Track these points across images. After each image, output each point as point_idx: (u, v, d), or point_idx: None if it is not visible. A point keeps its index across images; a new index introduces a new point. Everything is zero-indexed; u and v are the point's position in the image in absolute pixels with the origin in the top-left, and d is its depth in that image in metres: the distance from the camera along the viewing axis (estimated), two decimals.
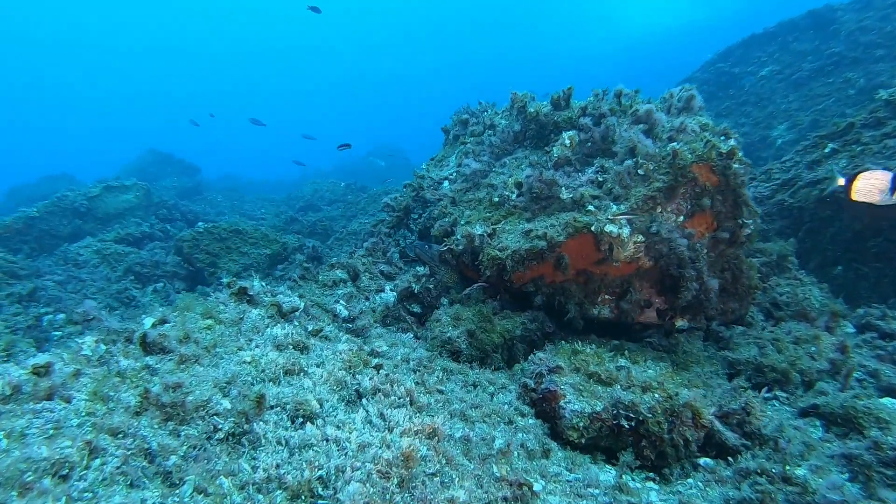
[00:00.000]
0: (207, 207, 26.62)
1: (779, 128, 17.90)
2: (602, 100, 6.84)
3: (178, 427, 2.18)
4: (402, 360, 3.80)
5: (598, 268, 5.71)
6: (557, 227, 5.59)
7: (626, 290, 5.78)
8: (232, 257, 14.01)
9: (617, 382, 3.89)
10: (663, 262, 5.56)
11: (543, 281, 5.77)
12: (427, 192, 7.93)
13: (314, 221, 20.93)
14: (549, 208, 6.06)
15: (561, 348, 4.36)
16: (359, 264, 6.73)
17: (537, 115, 7.22)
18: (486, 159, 7.65)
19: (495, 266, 5.71)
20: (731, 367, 5.52)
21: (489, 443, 2.98)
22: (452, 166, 8.76)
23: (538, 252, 5.48)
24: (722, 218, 5.82)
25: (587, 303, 5.83)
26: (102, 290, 12.78)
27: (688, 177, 5.59)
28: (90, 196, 19.00)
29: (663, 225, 5.48)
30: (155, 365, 2.60)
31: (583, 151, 6.40)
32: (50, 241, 17.25)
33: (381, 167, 45.02)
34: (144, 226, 16.71)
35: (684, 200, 5.71)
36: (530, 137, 7.53)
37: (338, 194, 28.04)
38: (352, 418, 2.47)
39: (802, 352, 5.51)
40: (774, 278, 7.46)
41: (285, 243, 14.71)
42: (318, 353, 3.17)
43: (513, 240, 5.79)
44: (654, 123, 6.11)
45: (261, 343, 3.06)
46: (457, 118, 9.52)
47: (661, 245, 5.46)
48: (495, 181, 7.00)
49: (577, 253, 5.63)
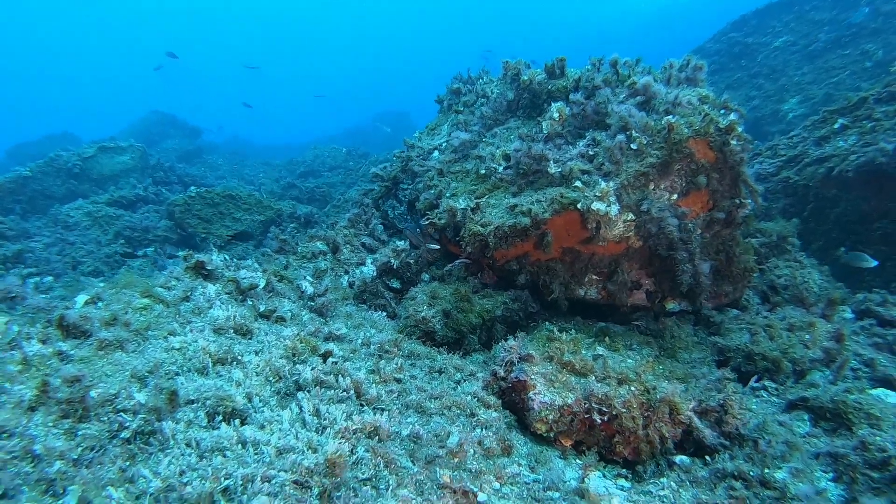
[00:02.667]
0: (206, 171, 26.30)
1: (791, 101, 17.33)
2: (598, 70, 6.46)
3: (76, 425, 1.95)
4: (362, 345, 3.56)
5: (586, 247, 5.43)
6: (543, 203, 5.30)
7: (614, 270, 5.51)
8: (225, 223, 13.77)
9: (592, 373, 3.65)
10: (652, 242, 5.27)
11: (528, 259, 5.50)
12: (415, 164, 7.61)
13: (313, 188, 20.61)
14: (536, 182, 5.75)
15: (536, 335, 4.11)
16: (340, 236, 6.47)
17: (531, 84, 6.85)
18: (476, 129, 7.31)
19: (477, 242, 5.43)
20: (720, 354, 5.27)
21: (442, 440, 2.76)
22: (444, 135, 8.42)
23: (522, 229, 5.20)
24: (718, 197, 5.50)
25: (573, 283, 5.57)
26: (92, 254, 12.59)
27: (683, 153, 5.26)
28: (84, 157, 18.71)
29: (655, 203, 5.18)
30: (69, 351, 2.37)
31: (575, 124, 6.05)
32: (43, 202, 17.05)
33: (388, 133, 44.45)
34: (139, 188, 16.44)
35: (679, 178, 5.39)
36: (524, 107, 7.17)
37: (339, 160, 27.66)
38: (280, 416, 2.24)
39: (796, 340, 5.25)
40: (773, 260, 7.16)
41: (280, 210, 14.44)
42: (261, 338, 2.93)
43: (497, 215, 5.50)
44: (653, 96, 5.75)
45: (197, 327, 2.82)
46: (451, 86, 9.13)
47: (650, 224, 5.17)
48: (484, 152, 6.67)
49: (564, 231, 5.35)
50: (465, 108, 8.42)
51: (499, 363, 3.73)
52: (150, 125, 34.63)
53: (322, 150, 28.65)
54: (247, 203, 14.20)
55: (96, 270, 12.05)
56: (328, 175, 25.36)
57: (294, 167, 27.31)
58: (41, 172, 17.68)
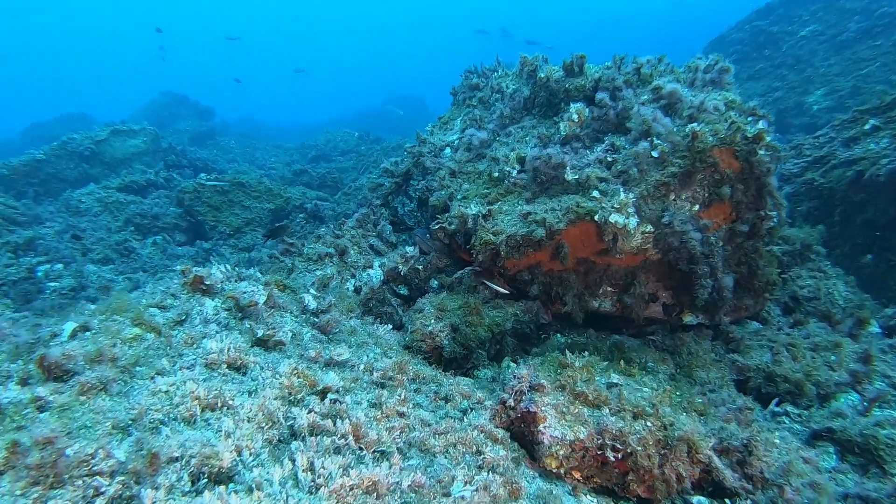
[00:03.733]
0: (218, 154, 26.20)
1: (815, 93, 16.80)
2: (619, 69, 6.17)
3: (46, 493, 1.80)
4: (365, 370, 3.39)
5: (601, 258, 5.21)
6: (558, 212, 5.07)
7: (630, 282, 5.28)
8: (234, 211, 13.66)
9: (606, 405, 3.46)
10: (672, 256, 5.03)
11: (540, 269, 5.29)
12: (427, 159, 7.39)
13: (324, 173, 20.45)
14: (551, 189, 5.52)
15: (547, 358, 3.92)
16: (347, 238, 6.29)
17: (547, 82, 6.57)
18: (491, 127, 7.06)
19: (489, 251, 5.23)
20: (740, 373, 5.06)
21: (446, 486, 2.59)
22: (457, 130, 8.18)
23: (536, 240, 4.99)
24: (742, 209, 5.24)
25: (587, 294, 5.36)
26: (101, 241, 12.54)
27: (707, 162, 4.99)
28: (97, 140, 18.66)
29: (676, 215, 4.93)
30: (48, 396, 2.22)
31: (593, 126, 5.79)
32: (57, 185, 17.05)
33: (400, 116, 44.12)
34: (149, 173, 16.34)
35: (701, 188, 5.13)
36: (539, 105, 6.90)
37: (351, 144, 27.50)
38: (270, 475, 2.08)
39: (821, 361, 5.02)
40: (796, 269, 6.89)
41: (289, 198, 14.29)
42: (256, 373, 2.76)
43: (509, 223, 5.28)
44: (677, 100, 5.47)
45: (188, 362, 2.66)
46: (465, 79, 8.85)
47: (672, 237, 4.93)
48: (498, 153, 6.44)
49: (578, 241, 5.13)
50: (480, 103, 8.16)
51: (508, 391, 3.55)
52: (162, 106, 34.55)
53: (334, 134, 28.43)
54: (256, 190, 14.06)
55: (106, 258, 12.01)
56: (340, 160, 25.21)
57: (306, 151, 27.16)
58: (54, 156, 17.65)
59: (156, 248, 12.58)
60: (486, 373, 4.79)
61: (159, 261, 12.12)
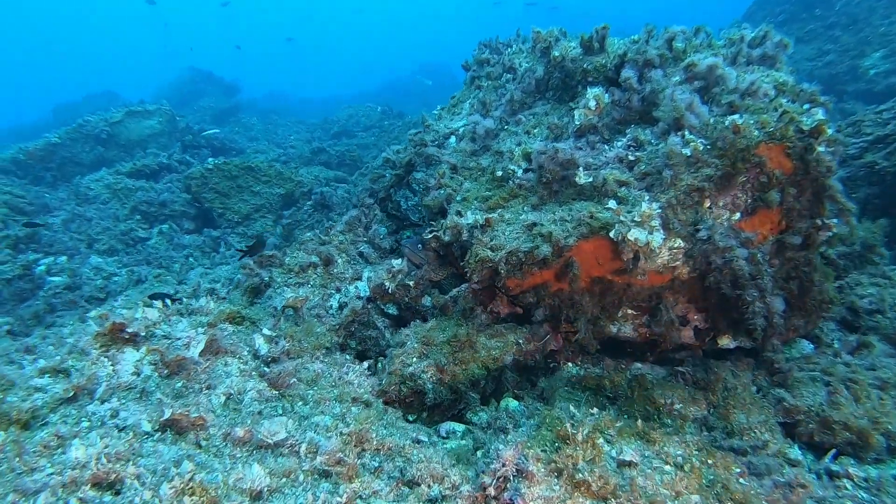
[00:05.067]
0: (239, 131, 25.70)
1: (873, 56, 15.21)
2: (648, 42, 5.21)
3: None
4: (307, 453, 2.69)
5: (620, 276, 4.37)
6: (568, 224, 4.24)
7: (655, 305, 4.44)
8: (243, 197, 13.08)
9: (614, 498, 2.69)
10: (713, 278, 4.15)
11: (547, 290, 4.48)
12: (429, 150, 6.58)
13: (342, 152, 19.72)
14: (561, 193, 4.68)
15: (544, 423, 3.15)
16: (333, 246, 5.57)
17: (562, 61, 5.65)
18: (498, 114, 6.20)
19: (486, 270, 4.44)
20: (787, 416, 4.20)
21: None
22: (465, 115, 7.32)
23: (539, 258, 4.17)
24: (794, 217, 4.31)
25: (603, 318, 4.54)
26: (108, 231, 12.13)
27: (751, 161, 4.08)
28: (112, 122, 18.25)
29: (716, 228, 4.05)
30: None
31: (613, 115, 4.89)
32: (73, 169, 16.75)
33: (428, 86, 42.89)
34: (162, 156, 15.86)
35: (743, 192, 4.22)
36: (554, 87, 5.99)
37: (374, 120, 26.70)
38: None
39: (891, 403, 4.12)
40: (855, 275, 5.90)
41: (300, 181, 13.63)
42: (130, 497, 2.08)
43: (511, 236, 4.48)
44: (716, 81, 4.52)
45: (31, 487, 2.00)
46: (476, 55, 7.94)
47: (713, 256, 4.05)
48: (503, 146, 5.60)
49: (592, 258, 4.29)
50: (490, 81, 7.27)
51: (489, 474, 2.81)
52: (186, 83, 34.15)
53: (356, 108, 27.60)
54: (266, 175, 13.43)
55: (111, 249, 11.61)
56: (362, 136, 24.48)
57: (328, 126, 26.47)
58: (69, 139, 17.34)
59: (162, 237, 12.12)
60: (482, 417, 4.05)
61: (165, 251, 11.65)
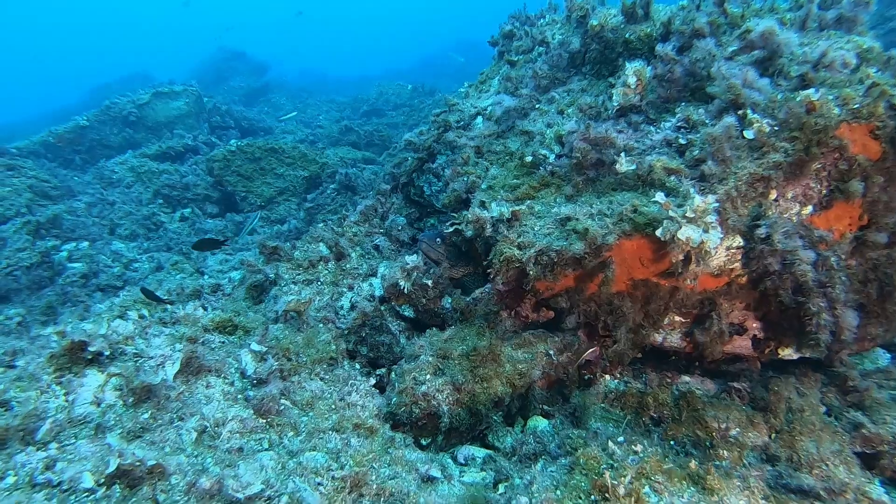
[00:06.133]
0: (269, 111, 25.42)
1: None
2: (699, 7, 4.54)
3: None
4: None
5: (667, 279, 3.80)
6: (608, 219, 3.67)
7: (707, 312, 3.86)
8: (266, 180, 12.71)
9: None
10: (770, 283, 3.55)
11: (582, 293, 3.93)
12: (450, 134, 6.03)
13: (371, 131, 19.21)
14: (599, 181, 4.10)
15: (577, 464, 2.64)
16: (346, 238, 5.11)
17: (601, 31, 5.02)
18: (527, 91, 5.60)
19: (512, 271, 3.91)
20: (866, 445, 3.60)
21: None
22: (493, 93, 6.73)
23: (574, 258, 3.63)
24: (879, 210, 3.65)
25: (647, 324, 3.98)
26: (130, 215, 11.93)
27: (829, 145, 3.43)
28: (139, 103, 18.07)
29: (778, 225, 3.43)
30: None
31: (660, 92, 4.26)
32: (101, 152, 16.67)
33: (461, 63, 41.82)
34: (187, 138, 15.63)
35: (818, 182, 3.58)
36: (591, 61, 5.36)
37: (404, 98, 26.13)
38: None
39: None
40: None
41: (325, 163, 13.19)
42: None
43: (542, 231, 3.93)
44: (778, 50, 3.86)
45: None
46: (503, 27, 7.31)
47: (771, 258, 3.45)
48: (533, 127, 5.02)
49: (636, 258, 3.72)
50: (519, 56, 6.65)
51: None
52: (218, 62, 33.94)
53: (387, 86, 26.97)
54: (290, 157, 13.01)
55: (133, 234, 11.42)
56: (392, 114, 23.96)
57: (358, 105, 25.99)
58: (98, 121, 17.24)
59: (184, 222, 11.87)
60: (505, 441, 3.57)
61: (187, 237, 11.40)
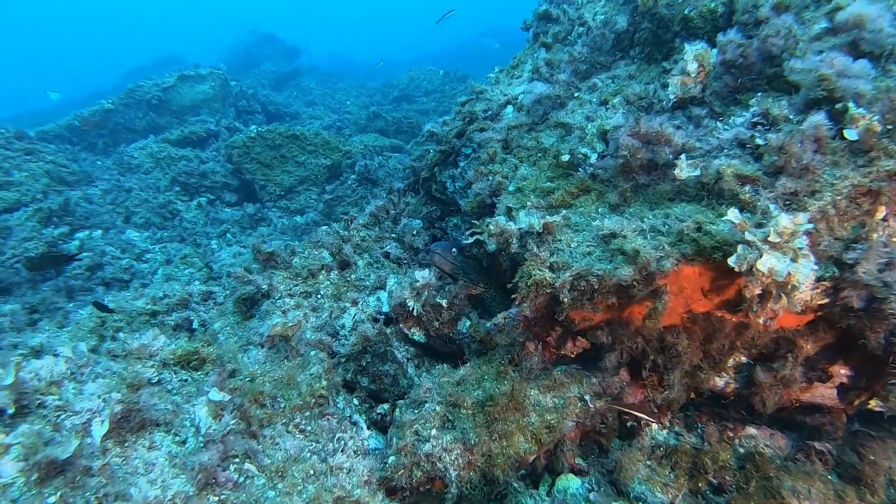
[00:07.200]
0: (297, 96, 24.96)
1: None
2: None
3: None
4: None
5: (734, 314, 3.07)
6: (664, 238, 2.95)
7: (778, 354, 3.13)
8: (286, 168, 12.17)
9: None
10: (856, 323, 2.80)
11: (627, 328, 3.23)
12: (476, 126, 5.34)
13: (399, 118, 18.58)
14: (650, 189, 3.37)
15: None
16: (352, 244, 4.48)
17: (654, 6, 4.24)
18: (564, 77, 4.87)
19: (541, 296, 3.22)
20: None
21: None
22: (526, 79, 6.01)
23: (619, 285, 2.93)
24: None
25: (706, 368, 3.26)
26: (146, 203, 11.53)
27: None
28: (164, 87, 17.72)
29: (872, 252, 2.67)
30: None
31: (727, 81, 3.49)
32: (126, 136, 16.41)
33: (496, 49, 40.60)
34: (209, 123, 15.21)
35: None
36: (641, 43, 4.60)
37: (435, 84, 25.42)
38: None
39: None
40: None
41: (348, 151, 12.57)
42: None
43: (580, 249, 3.22)
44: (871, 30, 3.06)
45: None
46: (538, 9, 6.54)
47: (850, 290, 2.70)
48: (571, 119, 4.30)
49: (696, 286, 3.00)
50: (556, 41, 5.90)
51: None
52: (249, 46, 33.62)
53: (418, 72, 26.23)
54: (312, 144, 12.41)
55: (148, 222, 11.02)
56: (423, 100, 23.33)
57: (388, 91, 25.39)
58: (123, 105, 16.96)
59: (200, 210, 11.42)
60: None
61: (202, 226, 10.96)
